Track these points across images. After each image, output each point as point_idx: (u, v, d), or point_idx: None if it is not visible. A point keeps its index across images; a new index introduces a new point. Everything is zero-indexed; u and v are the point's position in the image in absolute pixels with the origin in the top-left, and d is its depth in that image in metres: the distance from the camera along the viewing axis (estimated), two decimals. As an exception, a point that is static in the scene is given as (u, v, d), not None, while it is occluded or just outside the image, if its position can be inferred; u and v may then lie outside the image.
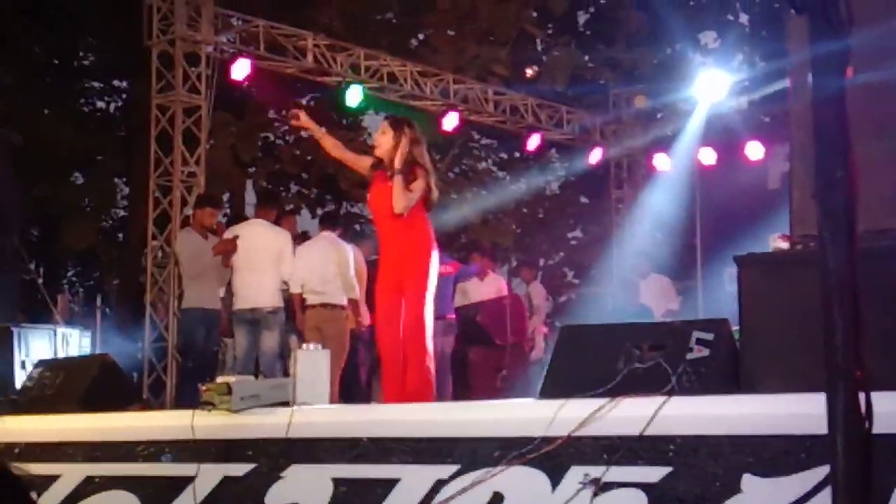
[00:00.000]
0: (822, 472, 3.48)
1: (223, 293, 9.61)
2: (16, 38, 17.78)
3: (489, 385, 10.36)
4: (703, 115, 14.60)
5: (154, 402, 11.20)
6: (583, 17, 21.30)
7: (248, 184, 19.24)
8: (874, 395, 2.10)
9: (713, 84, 14.25)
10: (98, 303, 14.93)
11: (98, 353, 11.58)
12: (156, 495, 5.23)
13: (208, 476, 5.08)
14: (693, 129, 14.78)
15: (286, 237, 9.36)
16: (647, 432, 3.99)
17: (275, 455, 4.99)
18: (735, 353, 4.44)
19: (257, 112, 18.32)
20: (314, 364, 5.56)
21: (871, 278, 2.80)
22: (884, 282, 3.89)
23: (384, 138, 6.45)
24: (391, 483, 4.51)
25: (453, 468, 4.38)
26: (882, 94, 4.33)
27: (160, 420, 6.06)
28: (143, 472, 5.41)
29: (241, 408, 5.20)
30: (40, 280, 13.42)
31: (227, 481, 5.04)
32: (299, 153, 18.78)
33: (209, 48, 12.17)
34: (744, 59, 19.67)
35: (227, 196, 18.32)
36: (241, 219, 10.46)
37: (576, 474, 4.04)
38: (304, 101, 19.12)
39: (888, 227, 4.29)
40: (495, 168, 22.25)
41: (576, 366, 4.62)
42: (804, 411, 3.52)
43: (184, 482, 5.12)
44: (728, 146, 14.57)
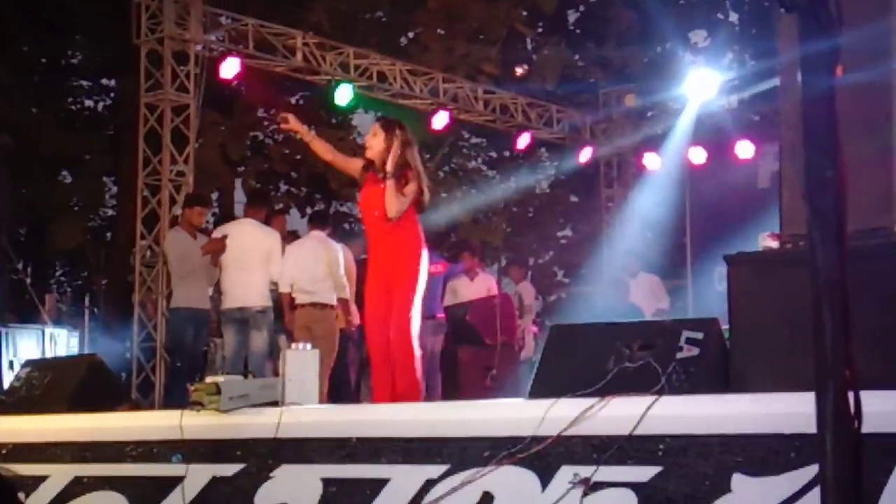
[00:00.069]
0: (811, 471, 3.48)
1: (212, 292, 9.59)
2: (6, 38, 17.73)
3: (479, 384, 10.35)
4: (693, 114, 14.62)
5: (143, 403, 11.17)
6: (573, 16, 21.32)
7: (238, 183, 19.20)
8: (864, 395, 2.09)
9: (703, 83, 14.27)
10: (86, 302, 14.90)
11: (86, 352, 11.58)
12: (144, 496, 5.21)
13: (197, 476, 5.07)
14: (683, 128, 14.80)
15: (275, 237, 9.34)
16: (637, 432, 3.98)
17: (264, 455, 4.98)
18: (725, 352, 4.44)
19: (246, 111, 18.29)
20: (303, 364, 5.55)
21: (862, 277, 2.80)
22: (874, 281, 3.89)
23: (375, 140, 6.43)
24: (381, 483, 4.50)
25: (443, 468, 4.38)
26: (872, 94, 4.33)
27: (149, 420, 6.04)
28: (132, 473, 5.39)
29: (230, 408, 5.19)
30: (28, 280, 13.39)
31: (217, 481, 5.02)
32: (288, 152, 18.75)
33: (198, 47, 12.14)
34: (734, 57, 19.71)
35: (216, 195, 18.29)
36: (231, 218, 10.44)
37: (565, 474, 4.04)
38: (293, 100, 19.12)
39: (878, 226, 4.30)
40: (485, 167, 22.26)
41: (565, 365, 4.62)
42: (794, 410, 3.52)
43: (173, 482, 5.11)
44: (718, 145, 14.58)
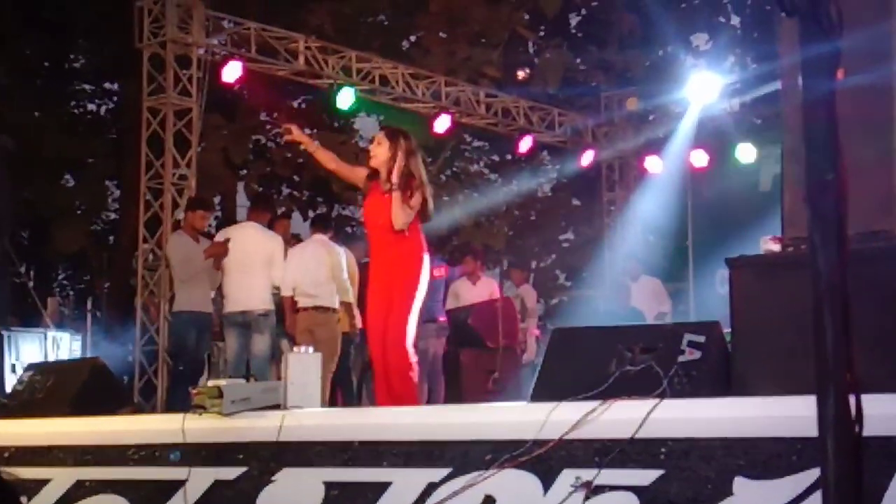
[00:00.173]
0: (813, 474, 3.47)
1: (214, 296, 9.59)
2: (9, 41, 17.76)
3: (481, 388, 10.34)
4: (695, 118, 14.62)
5: (145, 406, 11.17)
6: (575, 20, 21.35)
7: (240, 186, 19.22)
8: (866, 398, 2.09)
9: (705, 86, 14.26)
10: (89, 306, 14.89)
11: (89, 356, 11.58)
12: (146, 499, 5.21)
13: (199, 479, 5.07)
14: (685, 132, 14.79)
15: (278, 241, 9.34)
16: (639, 435, 3.98)
17: (266, 458, 4.98)
18: (726, 355, 4.44)
19: (249, 115, 18.31)
20: (305, 367, 5.55)
21: (863, 280, 2.80)
22: (876, 284, 3.89)
23: (380, 149, 6.42)
24: (382, 486, 4.50)
25: (445, 471, 4.38)
26: (872, 97, 4.33)
27: (151, 424, 6.03)
28: (134, 476, 5.39)
29: (231, 411, 5.19)
30: (31, 283, 13.40)
31: (218, 485, 5.03)
32: (291, 156, 18.75)
33: (200, 50, 12.14)
34: (735, 61, 19.71)
35: (218, 199, 18.31)
36: (233, 222, 10.44)
37: (567, 477, 4.03)
38: (295, 104, 19.13)
39: (879, 229, 4.30)
40: (487, 170, 22.27)
41: (567, 368, 4.62)
42: (796, 413, 3.52)
43: (175, 486, 5.11)
44: (720, 148, 14.59)
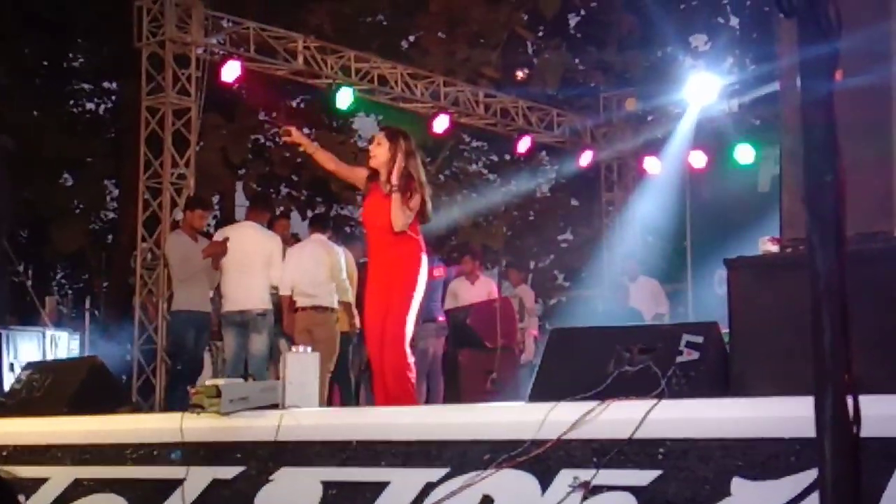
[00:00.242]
0: (811, 475, 3.47)
1: (213, 295, 9.59)
2: (7, 40, 17.75)
3: (479, 388, 10.34)
4: (694, 118, 14.62)
5: (143, 405, 11.17)
6: (574, 20, 21.34)
7: (239, 186, 19.23)
8: (864, 399, 2.09)
9: (704, 87, 14.27)
10: (87, 305, 14.88)
11: (87, 355, 11.57)
12: (145, 498, 5.21)
13: (197, 479, 5.07)
14: (683, 132, 14.80)
15: (276, 241, 9.33)
16: (637, 435, 3.98)
17: (264, 458, 4.98)
18: (725, 356, 4.45)
19: (247, 114, 18.32)
20: (304, 367, 5.55)
21: (862, 281, 2.80)
22: (875, 285, 3.90)
23: (380, 150, 6.42)
24: (380, 486, 4.50)
25: (443, 471, 4.38)
26: (871, 97, 4.34)
27: (149, 423, 6.04)
28: (132, 475, 5.39)
29: (230, 410, 5.19)
30: (29, 282, 13.39)
31: (216, 484, 5.02)
32: (289, 155, 18.75)
33: (199, 50, 12.14)
34: (734, 61, 19.71)
35: (217, 198, 18.31)
36: (232, 221, 10.44)
37: (565, 477, 4.04)
38: (293, 104, 19.14)
39: (878, 230, 4.30)
40: (486, 170, 22.28)
41: (566, 369, 4.62)
42: (794, 414, 3.52)
43: (173, 485, 5.11)
44: (718, 149, 14.59)
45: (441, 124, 14.20)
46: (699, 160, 14.69)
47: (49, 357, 10.95)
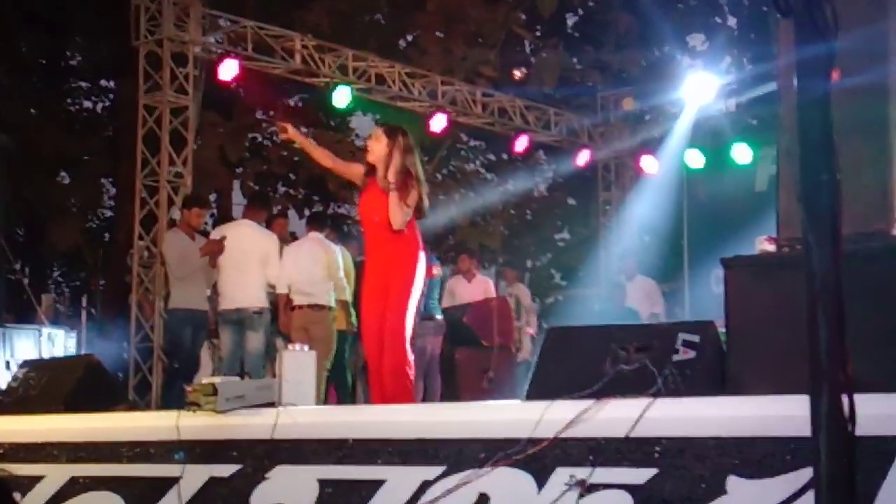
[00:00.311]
0: (807, 473, 3.47)
1: (210, 293, 9.58)
2: (5, 38, 17.73)
3: (475, 386, 10.35)
4: (691, 118, 14.63)
5: (140, 403, 11.17)
6: (571, 20, 21.34)
7: (236, 184, 19.22)
8: (861, 398, 2.10)
9: (701, 86, 14.28)
10: (84, 303, 14.89)
11: (83, 353, 11.58)
12: (141, 496, 5.21)
13: (193, 477, 5.06)
14: (681, 132, 14.81)
15: (273, 240, 9.33)
16: (633, 434, 3.99)
17: (260, 456, 4.97)
18: (721, 355, 4.45)
19: (245, 112, 18.30)
20: (300, 365, 5.55)
21: (860, 281, 2.81)
22: (872, 284, 3.90)
23: (378, 145, 6.41)
24: (377, 484, 4.50)
25: (439, 469, 4.38)
26: (869, 97, 4.34)
27: (145, 421, 6.04)
28: (128, 473, 5.39)
29: (226, 409, 5.19)
30: (26, 280, 13.40)
31: (213, 482, 5.02)
32: (287, 154, 18.76)
33: (197, 48, 12.15)
34: (732, 61, 19.71)
35: (214, 196, 18.30)
36: (229, 219, 10.44)
37: (562, 476, 4.04)
38: (291, 102, 19.13)
39: (876, 230, 4.31)
40: (483, 169, 22.28)
41: (562, 367, 4.62)
42: (790, 413, 3.51)
43: (169, 483, 5.10)
44: (716, 149, 14.60)
45: (438, 123, 14.20)
46: (696, 160, 14.70)
47: (45, 355, 10.96)
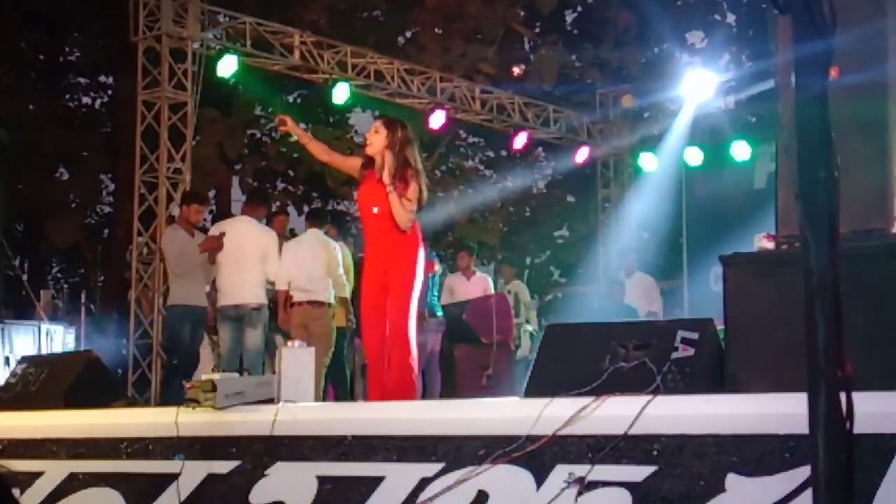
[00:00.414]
0: (805, 471, 3.47)
1: (209, 290, 9.59)
2: (3, 34, 17.72)
3: (474, 383, 10.35)
4: (690, 115, 14.63)
5: (139, 399, 11.17)
6: (570, 17, 21.33)
7: (235, 181, 19.21)
8: (859, 396, 2.10)
9: (700, 84, 14.28)
10: (83, 299, 14.88)
11: (82, 349, 11.57)
12: (140, 492, 5.21)
13: (192, 473, 5.07)
14: (680, 129, 14.81)
15: (272, 237, 9.32)
16: (632, 431, 3.99)
17: (259, 452, 4.98)
18: (720, 352, 4.45)
19: (244, 109, 18.29)
20: (299, 362, 5.55)
21: (858, 278, 2.81)
22: (871, 282, 3.90)
23: (377, 137, 6.40)
24: (376, 481, 4.51)
25: (438, 466, 4.38)
26: (868, 95, 4.34)
27: (144, 417, 6.04)
28: (127, 469, 5.39)
29: (225, 405, 5.20)
30: (25, 276, 13.39)
31: (212, 478, 5.02)
32: (286, 150, 18.75)
33: (196, 44, 12.13)
34: (731, 58, 19.72)
35: (212, 193, 18.29)
36: (228, 216, 10.43)
37: (560, 473, 4.04)
38: (290, 99, 19.13)
39: (874, 228, 4.31)
40: (482, 166, 22.28)
41: (561, 365, 4.62)
42: (788, 411, 3.52)
43: (168, 479, 5.11)
44: (714, 146, 14.61)
45: (437, 120, 14.19)
46: (695, 157, 14.71)
47: (44, 351, 10.96)
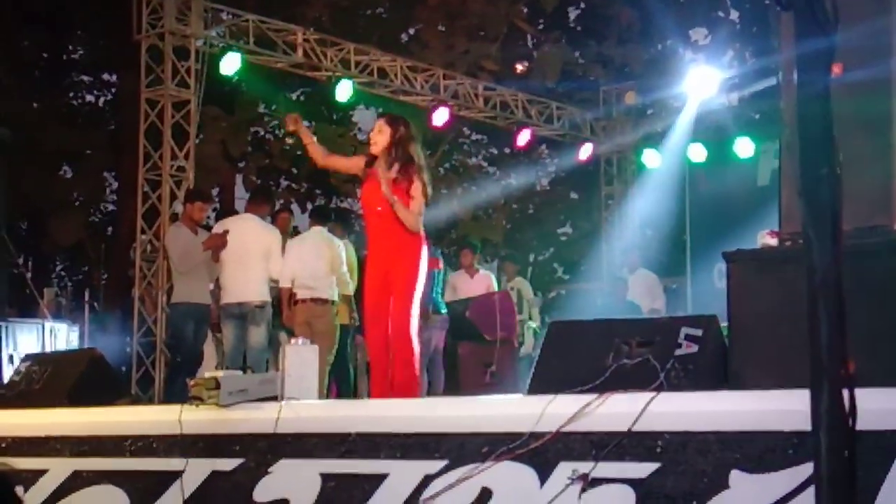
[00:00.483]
0: (809, 468, 3.44)
1: (212, 287, 9.59)
2: (6, 32, 17.73)
3: (478, 380, 10.35)
4: (694, 112, 14.63)
5: (142, 397, 11.18)
6: (574, 14, 21.33)
7: (238, 179, 19.22)
8: (862, 392, 2.10)
9: (703, 80, 14.27)
10: (86, 297, 14.89)
11: (86, 347, 11.58)
12: (143, 490, 5.22)
13: (196, 471, 5.07)
14: (683, 126, 14.80)
15: (276, 235, 9.32)
16: (636, 428, 3.99)
17: (263, 450, 4.98)
18: (723, 349, 4.45)
19: (247, 107, 18.29)
20: (303, 359, 5.55)
21: (861, 275, 2.81)
22: (874, 278, 3.90)
23: (381, 136, 6.39)
24: (379, 478, 4.51)
25: (441, 463, 4.38)
26: (871, 92, 4.34)
27: (148, 415, 6.04)
28: (131, 467, 5.40)
29: (229, 402, 5.20)
30: (29, 274, 13.40)
31: (215, 476, 5.03)
32: (289, 148, 18.76)
33: (199, 42, 12.13)
34: (734, 55, 19.71)
35: (216, 191, 18.30)
36: (231, 214, 10.43)
37: (564, 470, 4.04)
38: (293, 96, 19.13)
39: (878, 224, 4.30)
40: (485, 163, 22.28)
41: (564, 362, 4.62)
42: (792, 408, 3.52)
43: (172, 477, 5.11)
44: (718, 143, 14.59)
45: (441, 117, 14.20)
46: (699, 154, 14.69)
47: (48, 349, 10.96)
